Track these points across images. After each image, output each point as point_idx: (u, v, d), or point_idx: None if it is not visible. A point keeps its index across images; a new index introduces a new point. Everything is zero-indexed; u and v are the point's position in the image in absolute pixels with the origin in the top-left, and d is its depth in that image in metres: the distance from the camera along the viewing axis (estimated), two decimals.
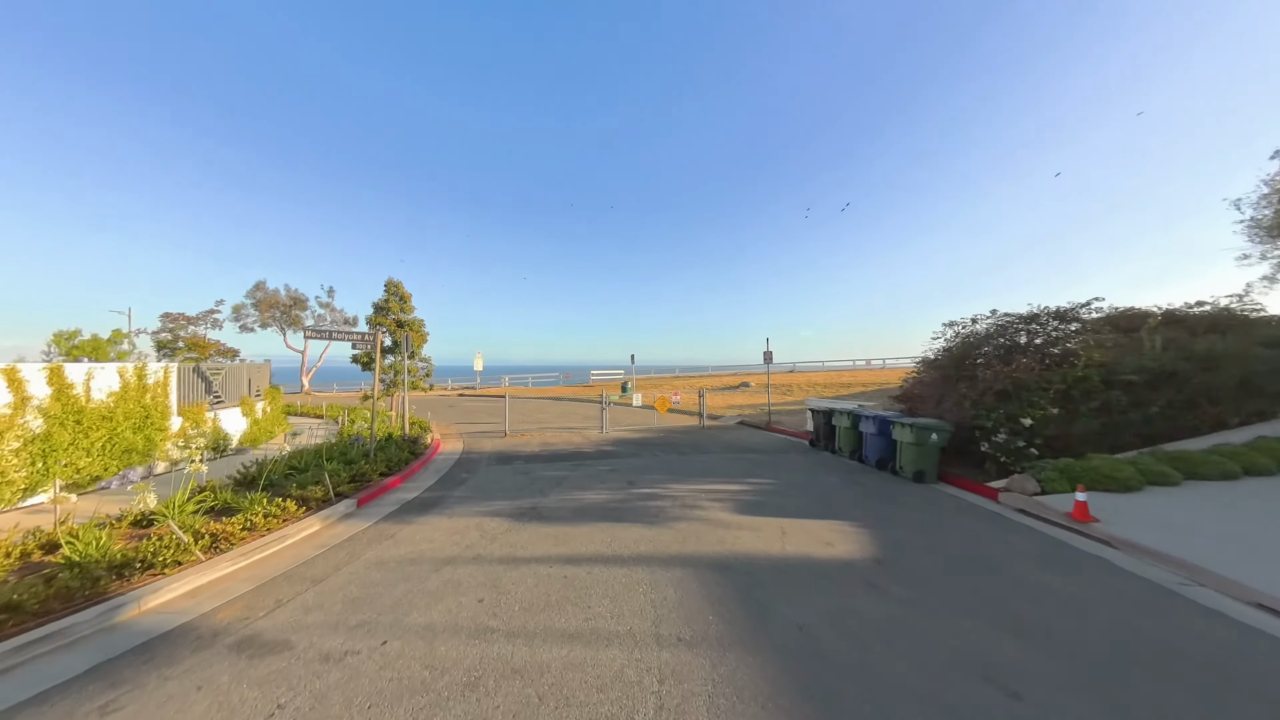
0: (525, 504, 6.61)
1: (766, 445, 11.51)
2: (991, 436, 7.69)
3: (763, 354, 15.52)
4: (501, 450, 11.03)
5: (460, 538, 5.30)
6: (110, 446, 6.93)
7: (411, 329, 13.78)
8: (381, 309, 13.60)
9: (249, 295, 35.84)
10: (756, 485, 7.56)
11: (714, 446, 11.27)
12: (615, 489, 7.36)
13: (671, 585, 4.07)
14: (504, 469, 9.00)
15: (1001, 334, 8.52)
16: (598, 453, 10.59)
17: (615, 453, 10.55)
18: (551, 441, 12.15)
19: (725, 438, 12.68)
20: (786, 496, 6.90)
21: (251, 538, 5.12)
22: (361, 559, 4.75)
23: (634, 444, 11.70)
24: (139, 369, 7.66)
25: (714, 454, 10.30)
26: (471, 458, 10.25)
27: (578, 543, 5.08)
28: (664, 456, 10.01)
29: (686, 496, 6.87)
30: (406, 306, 14.00)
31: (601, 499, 6.81)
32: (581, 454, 10.44)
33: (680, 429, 14.28)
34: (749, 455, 10.17)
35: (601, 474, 8.42)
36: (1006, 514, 6.32)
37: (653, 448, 11.12)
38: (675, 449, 10.92)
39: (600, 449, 11.07)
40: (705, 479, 7.95)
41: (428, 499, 7.01)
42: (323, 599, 3.93)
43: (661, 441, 12.04)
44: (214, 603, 3.91)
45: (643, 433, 13.64)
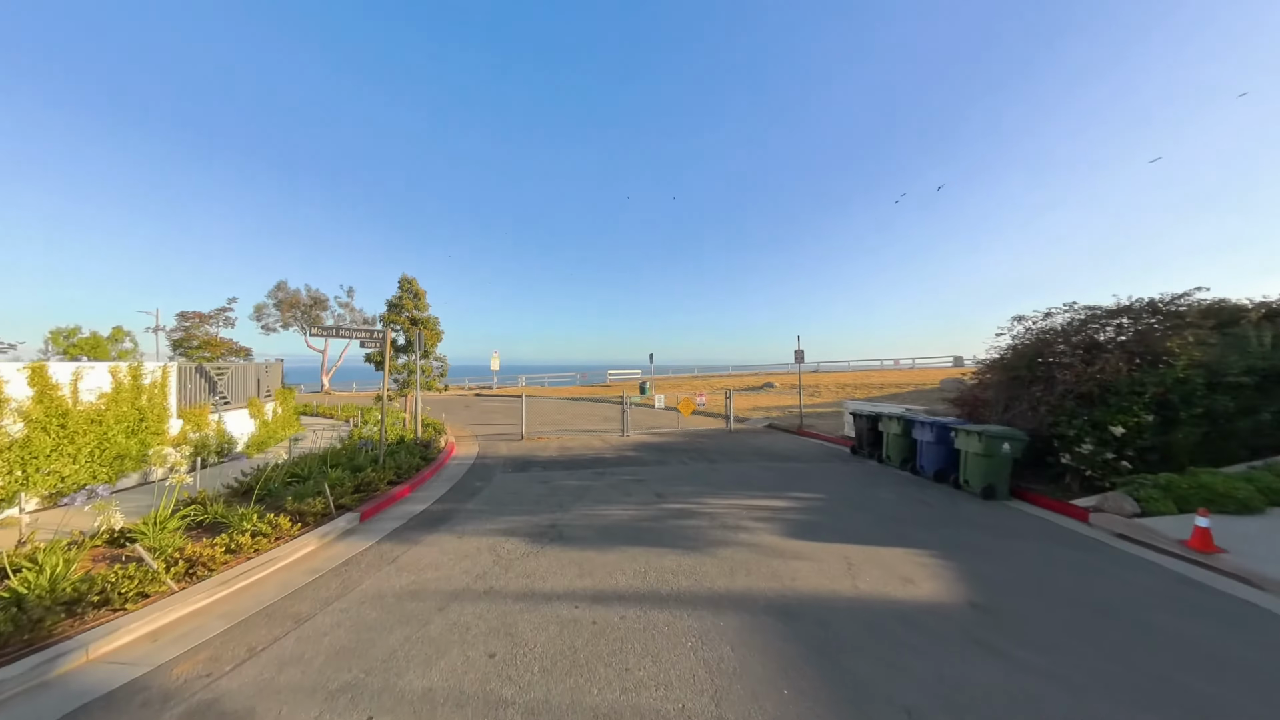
0: (544, 521, 5.88)
1: (802, 452, 10.61)
2: (1074, 447, 6.70)
3: (793, 353, 14.59)
4: (518, 455, 10.36)
5: (471, 563, 4.59)
6: (100, 453, 6.44)
7: (426, 327, 13.24)
8: (395, 306, 13.09)
9: (270, 295, 36.15)
10: (802, 501, 6.71)
11: (745, 453, 10.41)
12: (643, 503, 6.59)
13: (726, 639, 3.28)
14: (521, 477, 8.31)
15: (1081, 329, 7.49)
16: (620, 459, 9.84)
17: (639, 459, 9.78)
18: (570, 445, 11.45)
19: (755, 443, 11.81)
20: (840, 516, 6.04)
21: (236, 561, 4.49)
22: (357, 590, 4.07)
23: (658, 449, 10.92)
24: (133, 369, 7.17)
25: (747, 462, 9.45)
26: (487, 463, 9.60)
27: (606, 573, 4.33)
28: (693, 465, 9.21)
29: (725, 514, 6.06)
30: (421, 304, 13.47)
31: (629, 515, 6.05)
32: (603, 460, 9.71)
33: (706, 432, 13.44)
34: (786, 464, 9.30)
35: (626, 484, 7.66)
36: (1105, 540, 5.37)
37: (679, 454, 10.33)
38: (703, 455, 10.11)
39: (622, 454, 10.32)
40: (743, 492, 7.12)
41: (438, 512, 6.34)
42: (304, 647, 3.25)
43: (687, 446, 11.23)
44: (176, 649, 3.26)
45: (666, 436, 12.85)
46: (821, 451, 10.71)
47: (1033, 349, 7.69)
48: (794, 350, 14.57)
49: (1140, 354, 6.92)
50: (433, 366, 13.63)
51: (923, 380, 23.14)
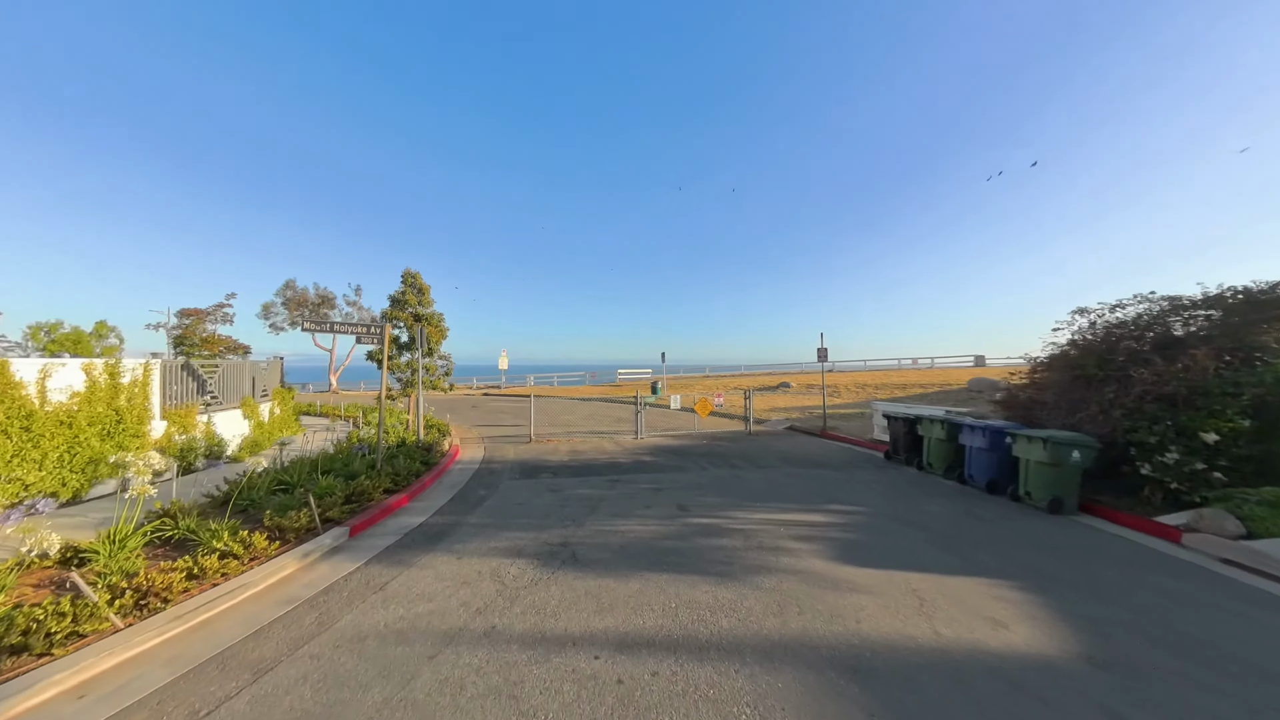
0: (555, 537, 5.20)
1: (831, 457, 9.84)
2: (1155, 455, 5.89)
3: (816, 351, 13.80)
4: (526, 459, 9.71)
5: (471, 593, 3.92)
6: (70, 457, 5.87)
7: (430, 323, 12.66)
8: (398, 302, 12.52)
9: (279, 294, 35.95)
10: (844, 515, 5.96)
11: (769, 458, 9.67)
12: (664, 517, 5.89)
13: (790, 709, 2.57)
14: (529, 484, 7.65)
15: (1158, 322, 6.65)
16: (635, 464, 9.15)
17: (655, 464, 9.08)
18: (581, 449, 10.78)
19: (779, 447, 11.06)
20: (891, 534, 5.28)
21: (198, 588, 3.86)
22: (334, 628, 3.42)
23: (675, 453, 10.21)
24: (110, 366, 6.61)
25: (773, 468, 8.71)
26: (493, 468, 8.95)
27: (630, 608, 3.63)
28: (714, 471, 8.48)
29: (759, 531, 5.34)
30: (425, 299, 12.89)
31: (650, 532, 5.35)
32: (617, 465, 9.02)
33: (724, 435, 12.70)
34: (816, 471, 8.54)
35: (644, 493, 6.96)
36: (1208, 566, 4.59)
37: (698, 458, 9.61)
38: (725, 460, 9.38)
39: (637, 459, 9.63)
40: (774, 504, 6.39)
41: (437, 526, 5.69)
42: (258, 711, 2.60)
43: (706, 451, 10.51)
44: (102, 710, 2.62)
45: (682, 439, 12.13)
46: (852, 457, 9.93)
47: (1102, 345, 6.86)
48: (816, 349, 13.79)
49: (1231, 350, 6.09)
50: (437, 365, 13.05)
51: (946, 380, 22.17)
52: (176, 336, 18.54)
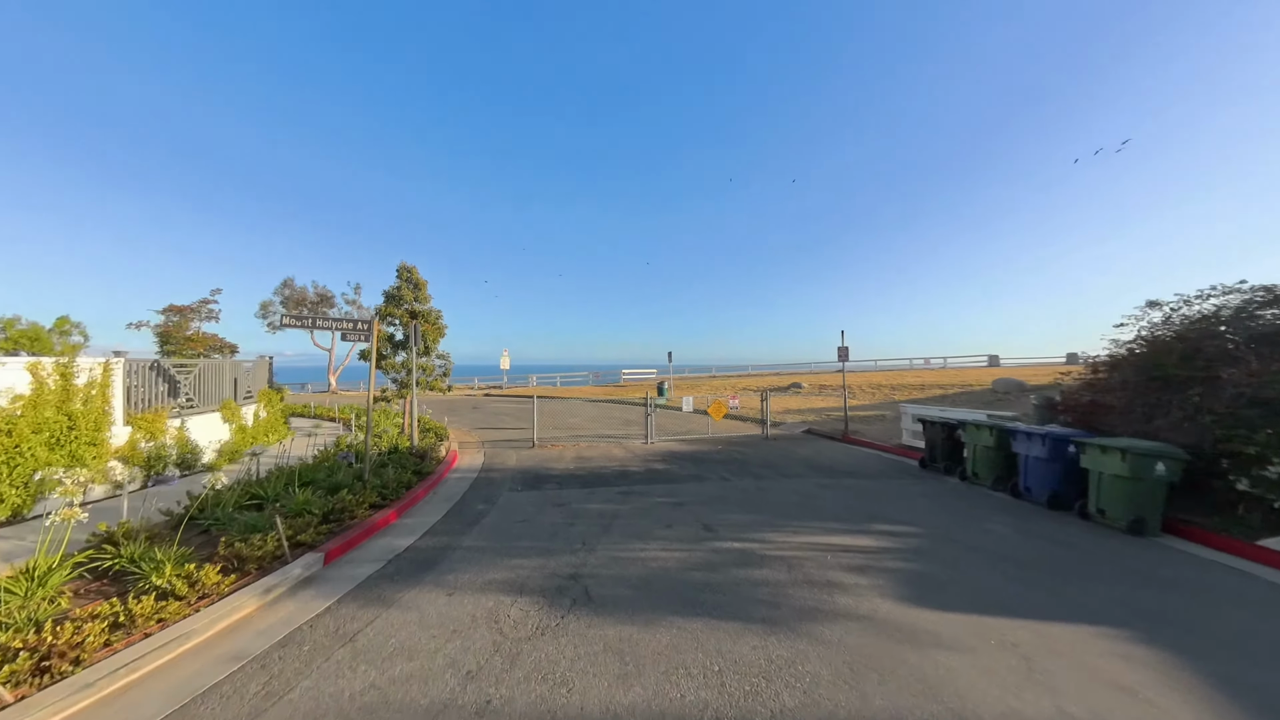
0: (563, 565, 4.45)
1: (861, 465, 9.06)
2: (1255, 469, 5.10)
3: (836, 350, 13.02)
4: (529, 467, 8.95)
5: (462, 646, 3.17)
6: (9, 470, 5.14)
7: (426, 320, 11.91)
8: (393, 298, 11.78)
9: (277, 292, 35.34)
10: (895, 537, 5.19)
11: (794, 466, 8.89)
12: (689, 539, 5.13)
13: None
14: (532, 497, 6.90)
15: (1251, 316, 5.85)
16: (648, 472, 8.38)
17: (670, 473, 8.31)
18: (588, 455, 10.03)
19: (800, 452, 10.28)
20: (958, 563, 4.51)
21: (124, 641, 3.12)
22: (284, 702, 2.67)
23: (690, 460, 9.45)
24: (62, 366, 5.89)
25: (801, 478, 7.93)
26: (492, 477, 8.20)
27: (661, 672, 2.87)
28: (736, 481, 7.71)
29: (803, 558, 4.57)
30: (422, 295, 12.14)
31: (675, 560, 4.59)
32: (628, 474, 8.26)
33: (740, 439, 11.93)
34: (849, 481, 7.76)
35: (662, 509, 6.20)
36: None
37: (716, 466, 8.84)
38: (746, 469, 8.60)
39: (650, 466, 8.86)
40: (813, 523, 5.62)
41: (426, 551, 4.94)
42: None
43: (724, 457, 9.74)
44: None
45: (696, 444, 11.36)
46: (882, 464, 9.15)
47: (1182, 341, 6.06)
48: (836, 348, 13.01)
49: None
50: (434, 365, 12.31)
51: (964, 380, 21.32)
52: (161, 334, 17.73)
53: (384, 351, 11.56)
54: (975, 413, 9.07)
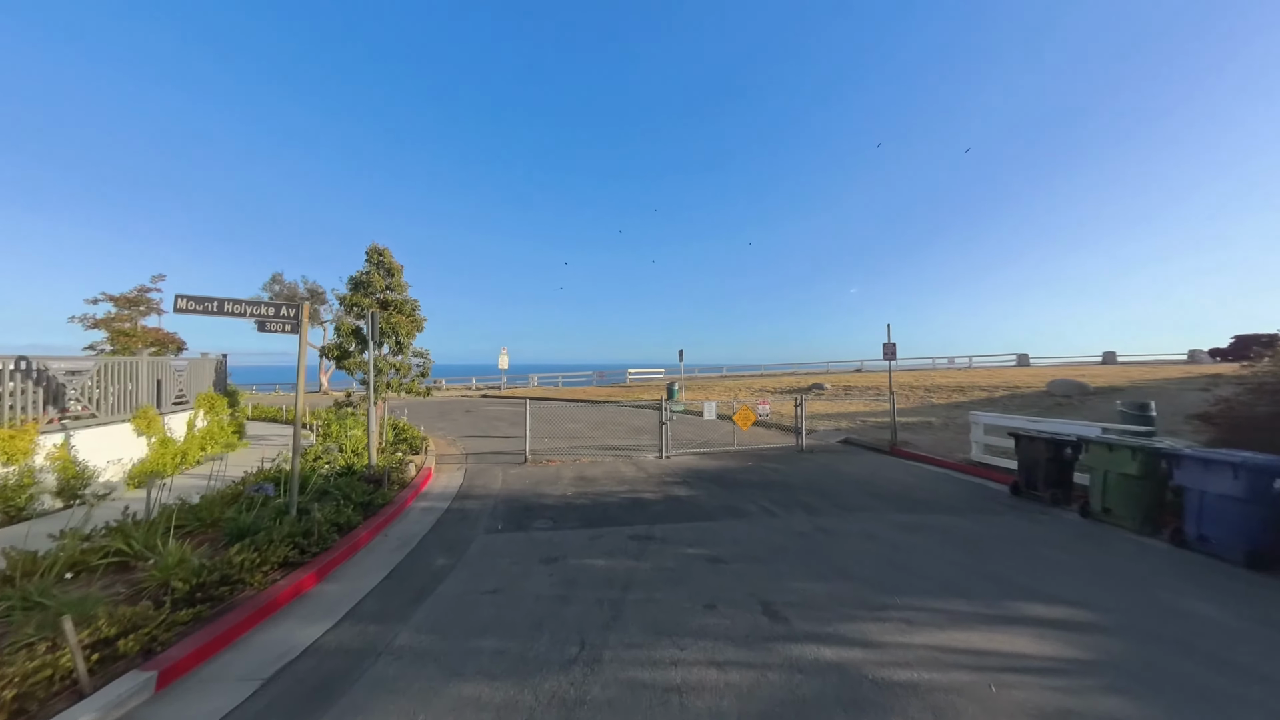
0: (549, 699, 2.62)
1: (934, 491, 7.19)
2: None
3: (882, 346, 11.14)
4: (517, 492, 7.13)
5: None
6: None
7: (400, 312, 10.11)
8: (361, 285, 10.00)
9: (266, 288, 33.68)
10: (1065, 635, 3.32)
11: (849, 491, 7.03)
12: (745, 639, 3.28)
13: None
14: (515, 543, 5.08)
15: None
16: (667, 501, 6.55)
17: (697, 503, 6.48)
18: (591, 475, 8.20)
19: (848, 471, 8.42)
20: (1219, 706, 2.65)
21: None
22: None
23: (718, 482, 7.60)
24: None
25: (868, 512, 6.07)
26: (468, 508, 6.39)
27: None
28: (785, 518, 5.86)
29: (949, 690, 2.72)
30: (396, 283, 10.36)
31: (733, 686, 2.75)
32: (642, 504, 6.43)
33: (771, 453, 10.07)
34: (933, 518, 5.89)
35: (695, 570, 4.36)
36: None
37: (752, 492, 6.99)
38: (791, 496, 6.75)
39: (669, 492, 7.03)
40: (924, 601, 3.76)
41: (333, 656, 3.13)
42: None
43: (759, 478, 7.88)
44: None
45: (720, 458, 9.52)
46: (960, 490, 7.28)
47: None
48: (883, 344, 11.12)
49: None
50: (410, 364, 10.53)
51: (1005, 381, 19.29)
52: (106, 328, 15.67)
53: (348, 348, 9.78)
54: (1086, 426, 7.16)
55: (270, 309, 5.23)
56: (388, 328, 9.61)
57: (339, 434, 10.07)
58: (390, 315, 9.77)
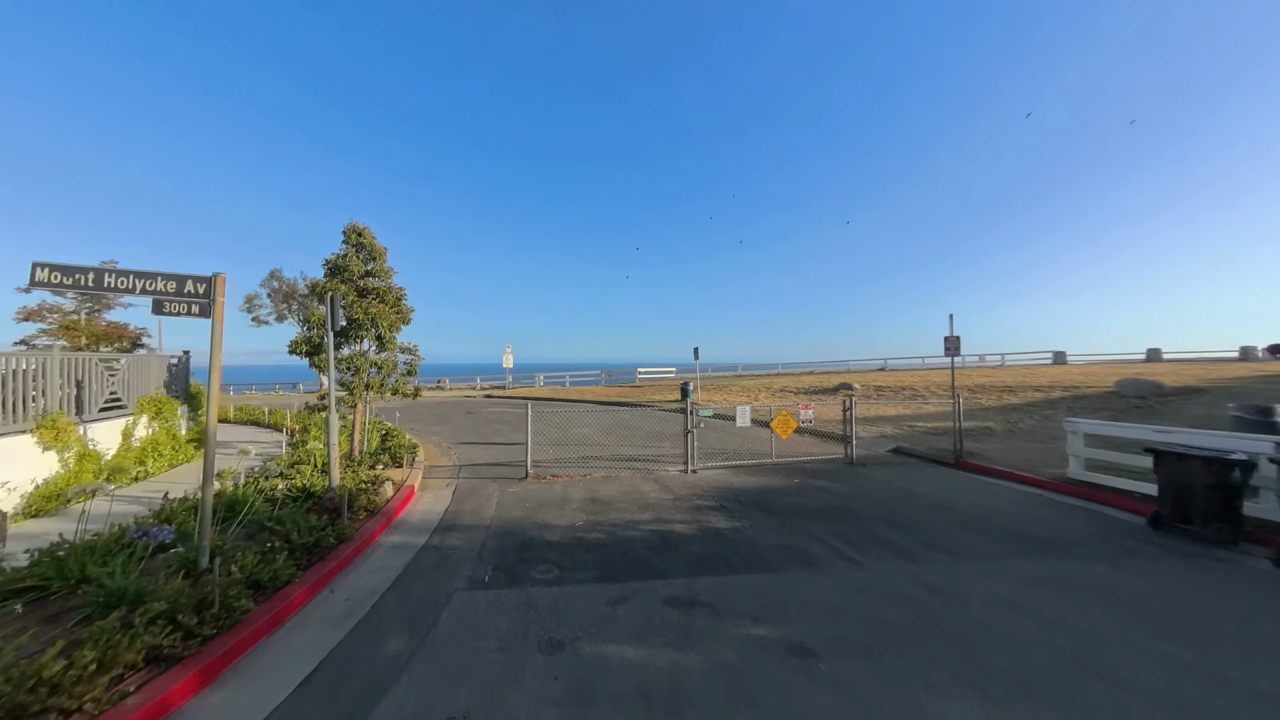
0: None
1: (1046, 522, 5.63)
2: None
3: (944, 340, 9.58)
4: (514, 522, 5.68)
5: None
6: None
7: (382, 301, 8.71)
8: (337, 269, 8.62)
9: (264, 285, 32.63)
10: None
11: (942, 526, 5.48)
12: None
13: None
14: (505, 613, 3.61)
15: None
16: (706, 540, 5.06)
17: (749, 545, 4.97)
18: (605, 496, 6.73)
19: (922, 492, 6.88)
20: None
21: None
22: None
23: (762, 508, 6.11)
24: None
25: (983, 559, 4.54)
26: (449, 547, 4.95)
27: None
28: (874, 568, 4.34)
29: None
30: (378, 268, 8.97)
31: None
32: (672, 542, 4.95)
33: (817, 466, 8.54)
34: (1073, 568, 4.34)
35: (776, 679, 2.87)
36: None
37: (816, 529, 5.48)
38: (870, 533, 5.22)
39: (705, 523, 5.54)
40: None
41: None
42: None
43: (814, 502, 6.37)
44: None
45: (757, 473, 8.01)
46: (1075, 520, 5.71)
47: None
48: (944, 338, 9.55)
49: None
50: (396, 361, 9.15)
51: (1051, 379, 17.57)
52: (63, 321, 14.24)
53: (319, 342, 8.40)
54: (1252, 440, 5.55)
55: (171, 283, 3.80)
56: (365, 319, 8.21)
57: (311, 442, 8.68)
58: (369, 305, 8.38)
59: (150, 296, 3.77)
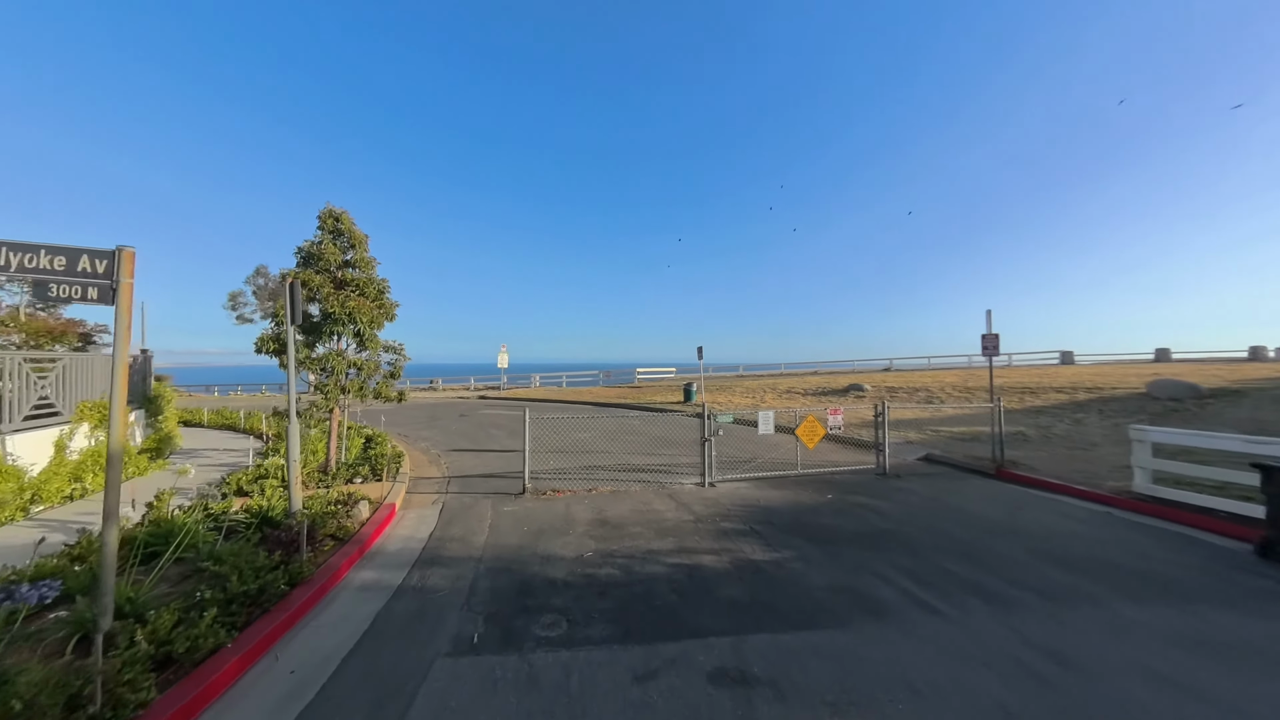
0: None
1: (1133, 550, 4.81)
2: None
3: (981, 338, 8.76)
4: (510, 553, 4.79)
5: None
6: None
7: (362, 294, 7.79)
8: (311, 257, 7.70)
9: (249, 281, 31.46)
10: None
11: (1017, 556, 4.66)
12: None
13: None
14: (499, 696, 2.73)
15: None
16: (744, 577, 4.20)
17: (798, 587, 4.12)
18: (616, 516, 5.86)
19: (976, 512, 6.07)
20: None
21: None
22: None
23: (806, 536, 5.26)
24: None
25: (1089, 604, 3.70)
26: (430, 590, 4.06)
27: None
28: (962, 620, 3.49)
29: None
30: (358, 257, 8.05)
31: None
32: (707, 583, 4.08)
33: (847, 478, 7.70)
34: (1203, 617, 3.52)
35: None
36: None
37: (871, 561, 4.63)
38: (938, 566, 4.38)
39: (741, 557, 4.67)
40: None
41: None
42: None
43: (863, 528, 5.52)
44: None
45: (782, 485, 7.17)
46: (1163, 546, 4.90)
47: None
48: (981, 335, 8.74)
49: None
50: (379, 362, 8.23)
51: (1072, 380, 16.86)
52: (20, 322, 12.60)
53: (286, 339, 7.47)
54: None
55: (58, 259, 2.88)
56: (342, 313, 7.29)
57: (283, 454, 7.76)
58: (347, 298, 7.45)
59: (29, 276, 2.85)
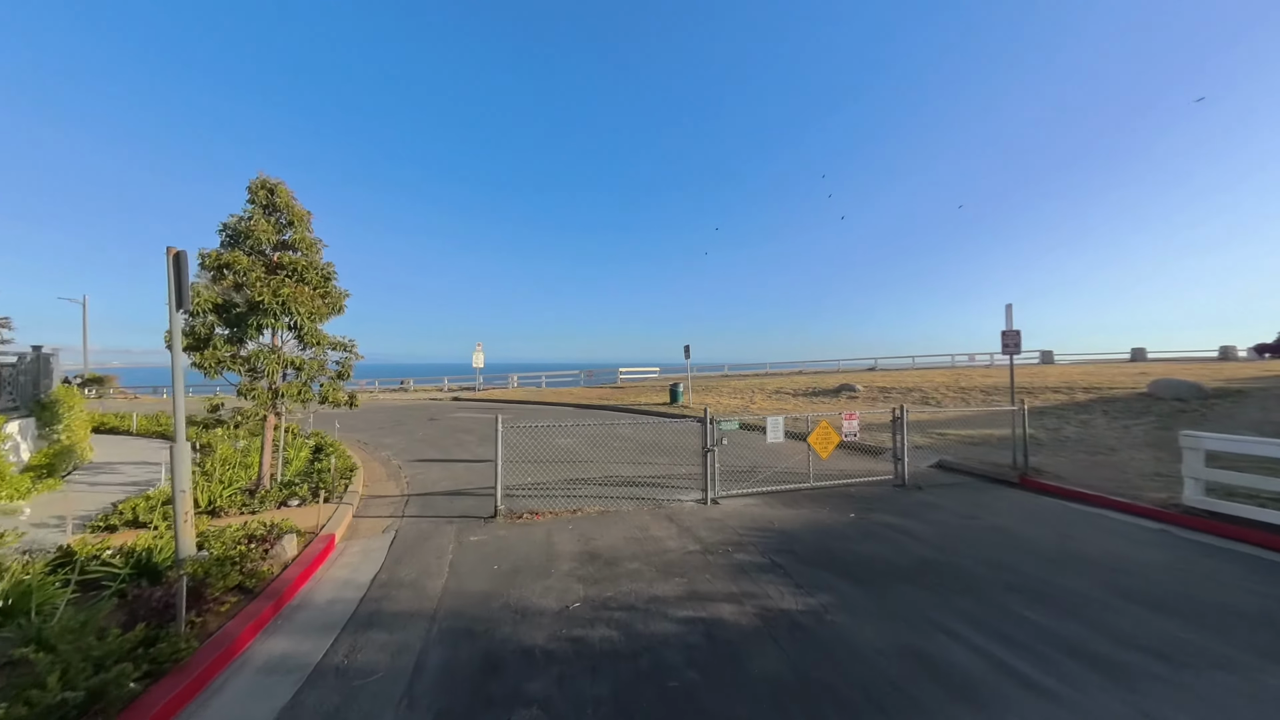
0: None
1: (1219, 581, 4.06)
2: None
3: (1001, 335, 8.07)
4: (473, 605, 3.74)
5: None
6: None
7: (301, 279, 6.58)
8: (240, 235, 6.47)
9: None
10: None
11: (1102, 597, 3.83)
12: None
13: None
14: None
15: None
16: (775, 640, 3.25)
17: (856, 659, 3.19)
18: (608, 549, 4.85)
19: (1022, 533, 5.28)
20: None
21: None
22: None
23: (838, 573, 4.35)
24: None
25: (1220, 669, 2.87)
26: (359, 673, 2.97)
27: None
28: (1090, 710, 2.62)
29: None
30: (297, 238, 6.82)
31: None
32: (726, 650, 3.12)
33: (864, 490, 6.87)
34: None
35: None
36: None
37: (930, 608, 3.74)
38: (1011, 611, 3.51)
39: (769, 606, 3.72)
40: None
41: None
42: None
43: (907, 563, 4.65)
44: None
45: (794, 503, 6.28)
46: (1250, 570, 4.16)
47: None
48: (1002, 332, 8.05)
49: None
50: (324, 361, 7.01)
51: (1064, 380, 16.61)
52: None
53: (205, 335, 6.26)
54: None
55: None
56: (274, 303, 6.09)
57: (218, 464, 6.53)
58: (280, 284, 6.24)
59: None
